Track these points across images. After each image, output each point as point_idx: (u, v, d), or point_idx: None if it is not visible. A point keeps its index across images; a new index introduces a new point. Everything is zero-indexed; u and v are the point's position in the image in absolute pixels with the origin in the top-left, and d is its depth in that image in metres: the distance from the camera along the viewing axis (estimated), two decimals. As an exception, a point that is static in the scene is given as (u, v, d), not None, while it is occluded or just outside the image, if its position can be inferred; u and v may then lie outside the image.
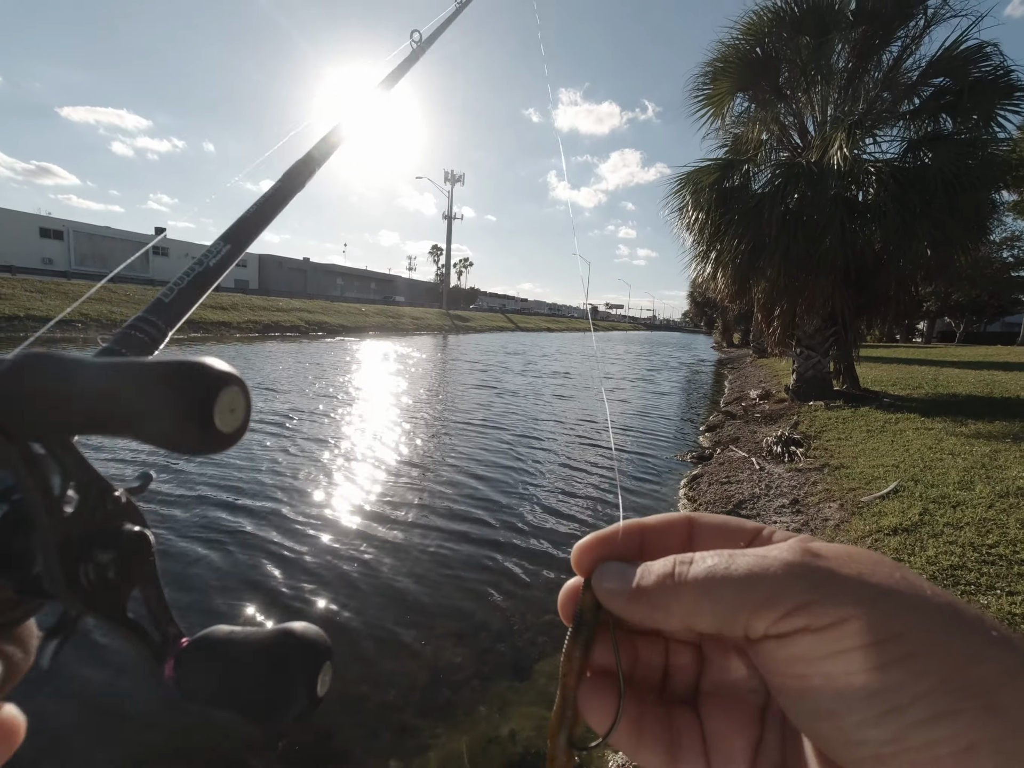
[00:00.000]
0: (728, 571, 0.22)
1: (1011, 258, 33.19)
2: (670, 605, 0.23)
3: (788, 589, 0.21)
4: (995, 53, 7.49)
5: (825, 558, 0.22)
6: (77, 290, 22.42)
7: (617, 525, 0.28)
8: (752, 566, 0.22)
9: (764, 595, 0.21)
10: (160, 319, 0.29)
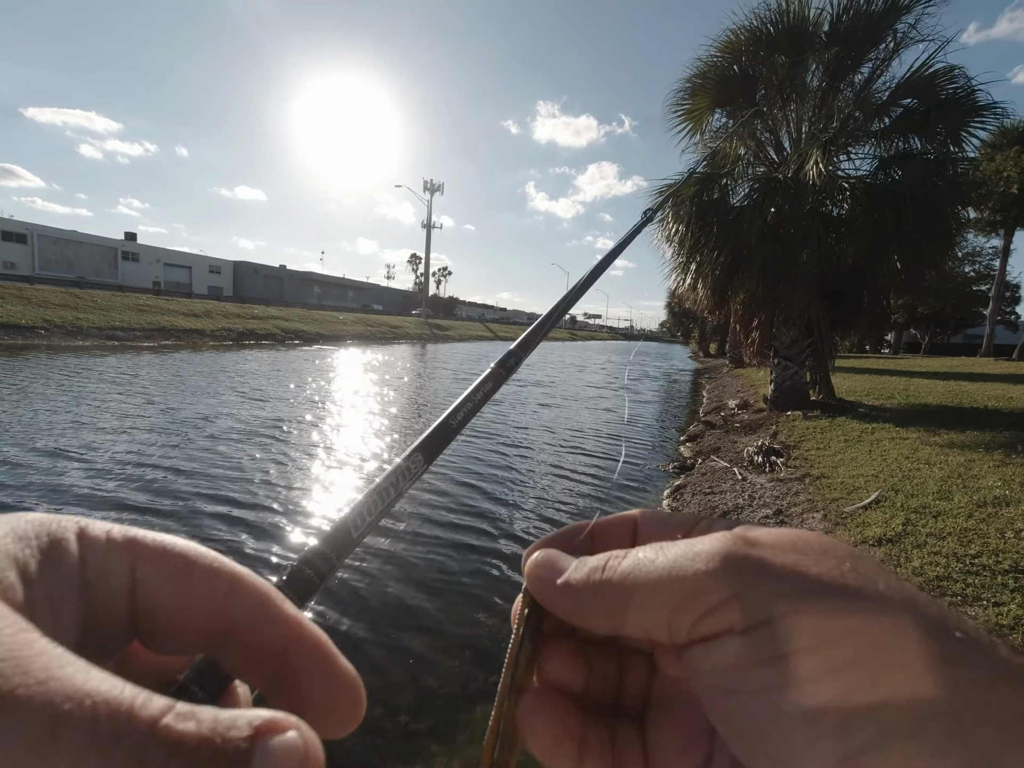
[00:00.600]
0: (652, 564, 0.19)
1: (972, 273, 34.61)
2: (595, 602, 0.21)
3: (710, 582, 0.18)
4: (961, 75, 7.79)
5: (759, 547, 0.18)
6: (41, 295, 21.64)
7: (573, 525, 0.26)
8: (676, 558, 0.19)
9: (685, 590, 0.18)
10: (331, 549, 0.26)
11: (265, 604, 0.20)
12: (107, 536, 0.18)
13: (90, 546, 0.18)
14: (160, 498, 4.84)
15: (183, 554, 0.19)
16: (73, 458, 5.79)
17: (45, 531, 0.17)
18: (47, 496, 4.78)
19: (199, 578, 0.19)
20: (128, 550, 0.18)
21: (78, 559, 0.17)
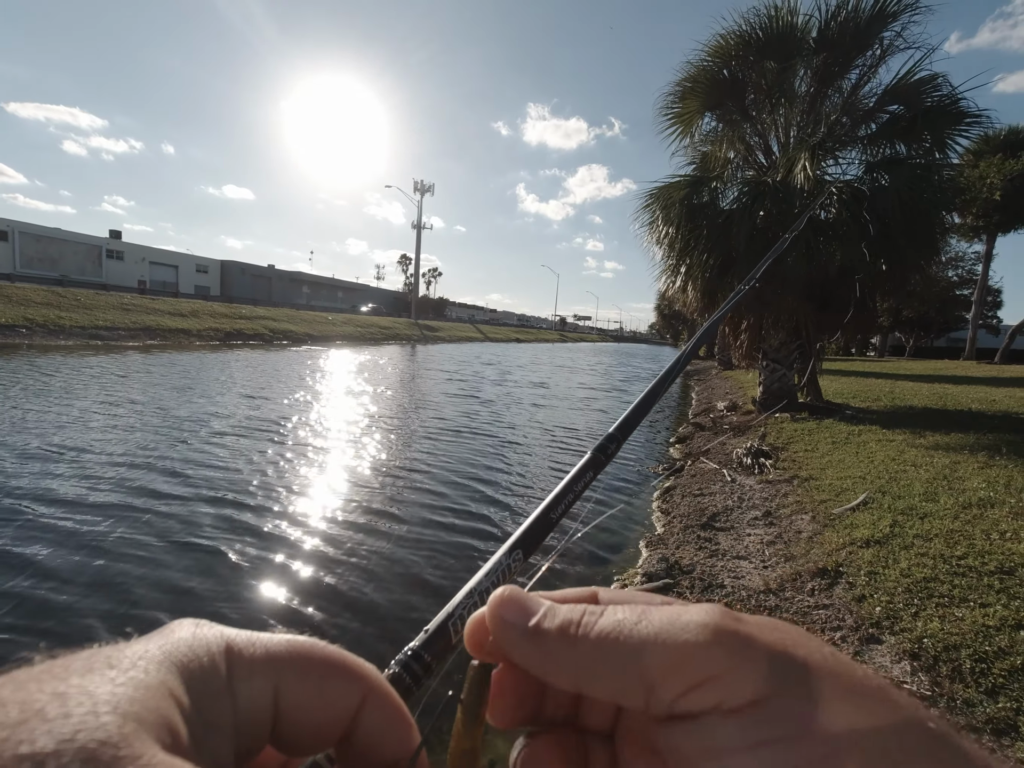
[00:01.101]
0: (635, 628, 0.19)
1: (955, 277, 35.17)
2: (565, 657, 0.20)
3: (700, 655, 0.17)
4: (945, 83, 7.90)
5: (745, 623, 0.18)
6: (22, 293, 21.24)
7: (529, 595, 0.24)
8: (662, 624, 0.18)
9: (672, 660, 0.17)
10: (429, 652, 0.25)
11: (395, 716, 0.21)
12: (251, 659, 0.19)
13: (237, 673, 0.19)
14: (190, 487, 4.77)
15: (322, 663, 0.20)
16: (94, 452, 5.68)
17: (199, 666, 0.18)
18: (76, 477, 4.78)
19: (337, 688, 0.20)
20: (271, 672, 0.19)
21: (228, 687, 0.18)
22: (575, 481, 0.33)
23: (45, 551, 3.65)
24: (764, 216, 8.36)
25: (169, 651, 0.17)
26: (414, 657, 0.25)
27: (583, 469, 0.34)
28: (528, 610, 0.22)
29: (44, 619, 2.92)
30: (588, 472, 0.34)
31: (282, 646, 0.20)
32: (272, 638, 0.20)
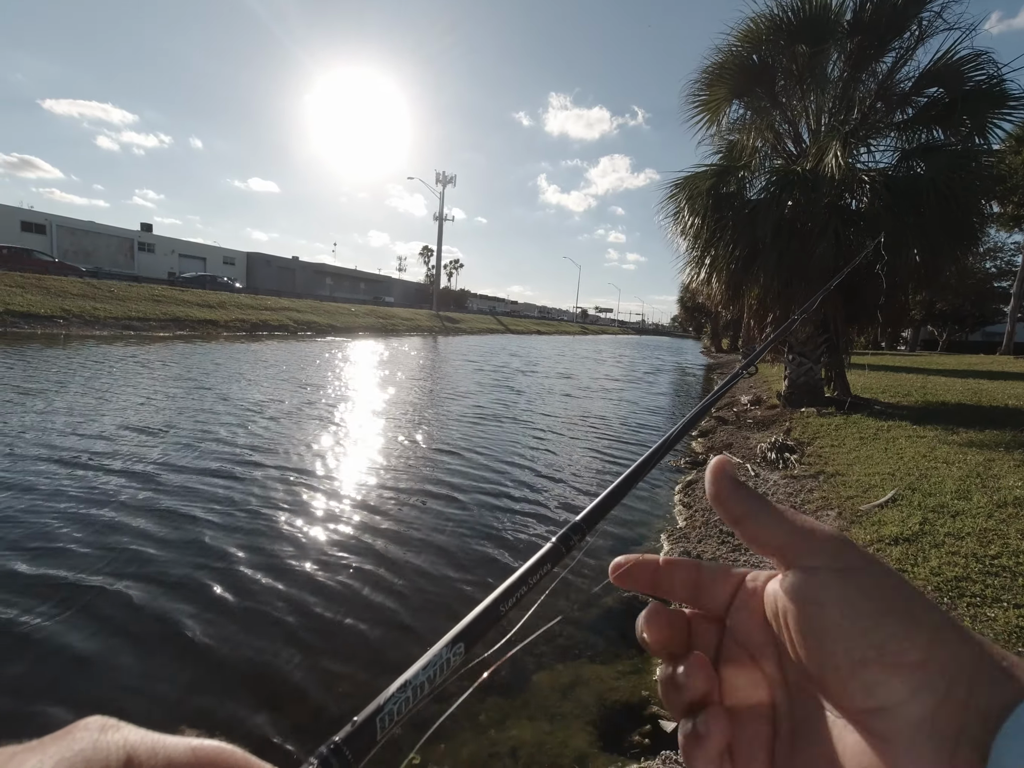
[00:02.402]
0: (797, 517, 0.29)
1: (993, 269, 33.90)
2: (755, 519, 0.29)
3: (825, 543, 0.27)
4: (988, 62, 7.56)
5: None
6: (59, 285, 21.95)
7: (654, 556, 0.34)
8: (811, 527, 0.28)
9: (809, 543, 0.28)
10: (349, 750, 0.24)
11: None
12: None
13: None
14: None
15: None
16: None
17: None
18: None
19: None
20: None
21: None
22: (531, 573, 0.32)
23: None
24: (792, 206, 8.16)
25: (62, 758, 0.17)
26: (335, 752, 0.23)
27: (541, 560, 0.32)
28: (741, 482, 0.31)
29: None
30: (546, 564, 0.33)
31: (186, 755, 0.19)
32: (176, 746, 0.19)
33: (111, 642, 2.82)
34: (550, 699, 2.64)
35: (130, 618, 3.01)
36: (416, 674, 0.26)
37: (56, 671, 2.61)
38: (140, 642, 2.84)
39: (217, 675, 2.67)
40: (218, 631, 2.95)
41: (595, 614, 3.30)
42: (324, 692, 2.60)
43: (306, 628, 3.04)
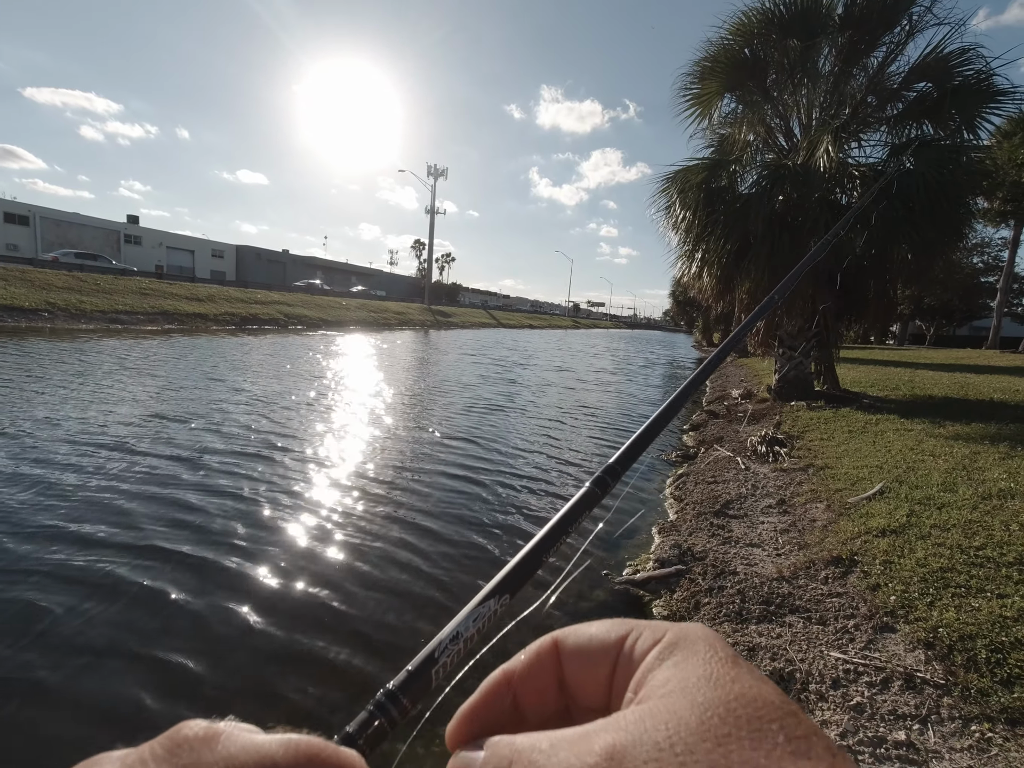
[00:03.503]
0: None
1: (980, 264, 34.28)
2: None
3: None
4: (977, 57, 7.61)
5: (627, 759, 0.19)
6: (44, 278, 21.60)
7: (492, 683, 0.26)
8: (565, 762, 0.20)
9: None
10: (406, 696, 0.24)
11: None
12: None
13: None
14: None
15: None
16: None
17: None
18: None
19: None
20: None
21: None
22: (569, 519, 0.32)
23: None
24: (783, 201, 8.19)
25: None
26: (390, 698, 0.24)
27: (578, 505, 0.33)
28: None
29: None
30: (583, 509, 0.33)
31: (280, 751, 0.19)
32: (271, 744, 0.20)
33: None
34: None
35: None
36: (466, 624, 0.27)
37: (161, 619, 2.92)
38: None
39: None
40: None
41: (585, 607, 3.32)
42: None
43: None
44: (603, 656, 0.24)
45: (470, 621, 0.27)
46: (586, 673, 0.25)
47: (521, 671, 0.26)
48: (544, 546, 0.30)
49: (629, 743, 0.19)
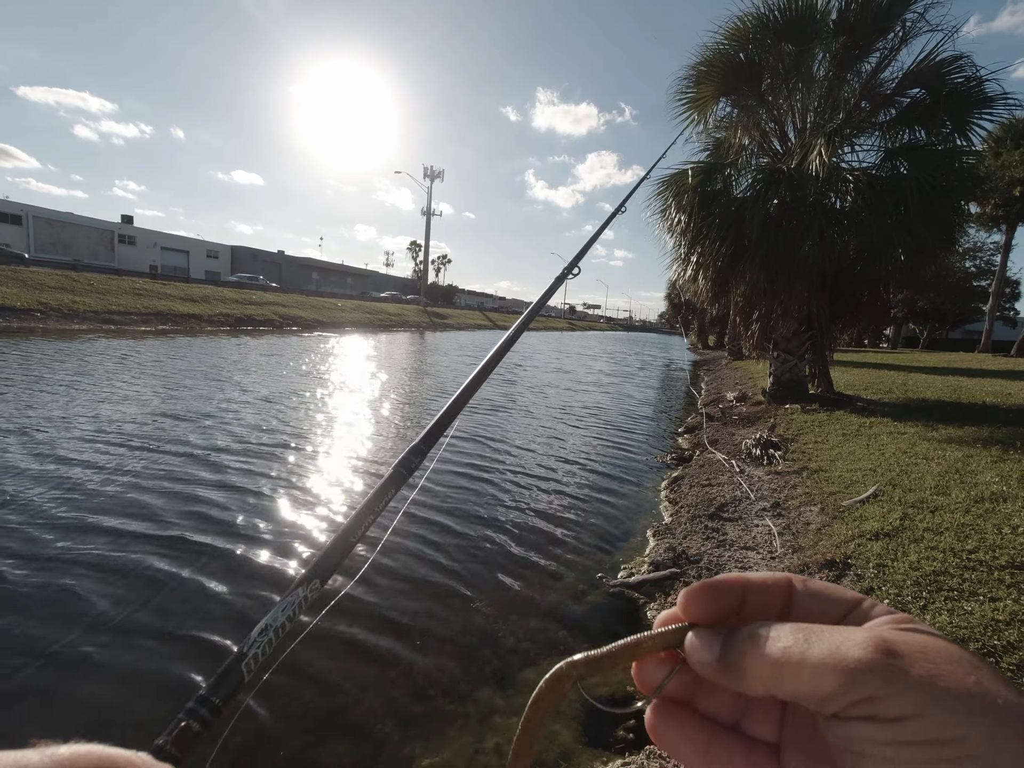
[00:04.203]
0: (803, 656, 0.22)
1: (973, 268, 34.53)
2: (751, 678, 0.24)
3: (857, 684, 0.21)
4: (969, 64, 7.68)
5: (900, 656, 0.21)
6: (36, 277, 21.45)
7: (729, 579, 0.28)
8: (825, 656, 0.22)
9: (834, 686, 0.21)
10: (217, 696, 0.25)
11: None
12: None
13: None
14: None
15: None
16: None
17: None
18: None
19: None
20: None
21: None
22: (377, 500, 0.32)
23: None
24: (777, 204, 8.22)
25: None
26: (201, 702, 0.25)
27: (385, 487, 0.33)
28: (713, 648, 0.26)
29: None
30: (391, 490, 0.33)
31: (44, 765, 0.19)
32: (31, 757, 0.19)
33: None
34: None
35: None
36: (275, 616, 0.27)
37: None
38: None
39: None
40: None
41: (580, 610, 3.31)
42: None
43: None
44: (837, 605, 0.26)
45: (279, 612, 0.27)
46: (816, 613, 0.26)
47: (756, 583, 0.28)
48: (353, 530, 0.31)
49: (899, 638, 0.22)
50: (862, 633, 0.23)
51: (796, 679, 0.22)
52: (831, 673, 0.22)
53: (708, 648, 0.26)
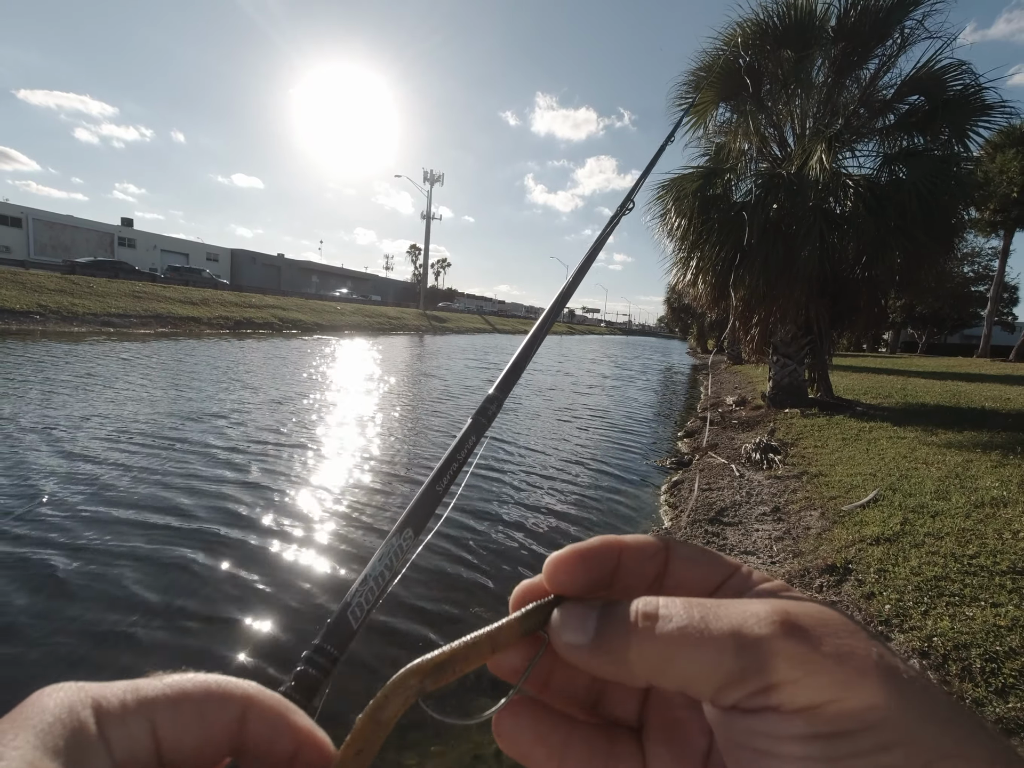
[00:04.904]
0: (702, 635, 0.20)
1: (971, 273, 34.64)
2: (634, 664, 0.21)
3: (767, 663, 0.19)
4: (967, 72, 7.72)
5: (806, 632, 0.19)
6: (35, 280, 21.44)
7: (600, 542, 0.25)
8: (729, 631, 0.19)
9: (739, 669, 0.19)
10: (332, 643, 0.26)
11: (276, 720, 0.23)
12: (122, 705, 0.20)
13: (109, 724, 0.20)
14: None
15: (195, 695, 0.22)
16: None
17: (66, 731, 0.19)
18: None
19: (214, 712, 0.22)
20: (144, 713, 0.21)
21: (102, 746, 0.19)
22: (458, 450, 0.33)
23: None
24: (777, 209, 8.24)
25: (30, 724, 0.18)
26: (317, 651, 0.26)
27: (465, 436, 0.34)
28: (588, 626, 0.23)
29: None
30: (471, 438, 0.34)
31: (154, 687, 0.21)
32: (145, 682, 0.21)
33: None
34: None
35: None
36: (373, 566, 0.28)
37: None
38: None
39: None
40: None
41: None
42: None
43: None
44: (715, 570, 0.24)
45: (377, 562, 0.28)
46: (693, 580, 0.24)
47: (632, 545, 0.25)
48: (437, 479, 0.32)
49: (799, 610, 0.20)
50: (762, 607, 0.20)
51: (690, 666, 0.20)
52: (732, 658, 0.19)
53: (580, 628, 0.23)
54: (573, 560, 0.25)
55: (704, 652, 0.19)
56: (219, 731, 0.22)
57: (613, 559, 0.25)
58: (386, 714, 0.22)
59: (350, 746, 0.22)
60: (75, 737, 0.19)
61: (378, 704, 0.23)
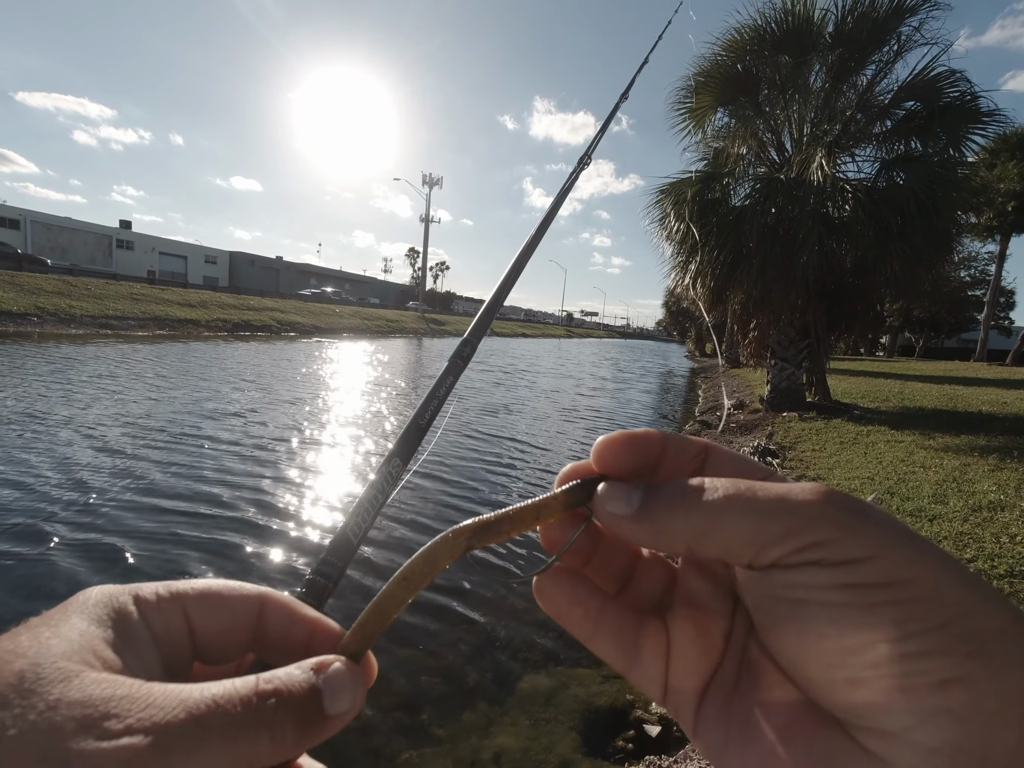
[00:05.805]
0: (752, 499, 0.21)
1: (968, 277, 34.80)
2: (678, 528, 0.23)
3: (812, 524, 0.20)
4: (962, 79, 7.77)
5: (847, 501, 0.21)
6: (33, 282, 21.40)
7: (648, 433, 0.26)
8: (776, 497, 0.21)
9: (785, 528, 0.21)
10: (337, 557, 0.30)
11: (289, 611, 0.27)
12: (157, 596, 0.25)
13: (147, 608, 0.24)
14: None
15: (219, 591, 0.26)
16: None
17: (110, 609, 0.23)
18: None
19: (236, 606, 0.26)
20: (177, 602, 0.25)
21: (142, 623, 0.24)
22: (438, 388, 0.37)
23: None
24: (775, 213, 8.27)
25: (78, 606, 0.22)
26: (324, 563, 0.30)
27: (444, 376, 0.37)
28: (631, 500, 0.24)
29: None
30: (448, 378, 0.38)
31: (185, 584, 0.26)
32: (176, 581, 0.26)
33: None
34: (534, 704, 2.62)
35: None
36: (367, 492, 0.32)
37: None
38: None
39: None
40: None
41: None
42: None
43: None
44: (753, 471, 0.25)
45: (371, 488, 0.32)
46: (733, 475, 0.25)
47: (677, 440, 0.26)
48: (421, 413, 0.35)
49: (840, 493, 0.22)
50: (807, 484, 0.22)
51: (735, 528, 0.21)
52: (779, 518, 0.21)
53: (624, 499, 0.24)
54: (622, 442, 0.26)
55: (750, 515, 0.21)
56: (242, 620, 0.26)
57: (658, 448, 0.26)
58: (437, 556, 0.25)
59: (399, 579, 0.25)
60: (119, 615, 0.23)
61: (431, 548, 0.25)
